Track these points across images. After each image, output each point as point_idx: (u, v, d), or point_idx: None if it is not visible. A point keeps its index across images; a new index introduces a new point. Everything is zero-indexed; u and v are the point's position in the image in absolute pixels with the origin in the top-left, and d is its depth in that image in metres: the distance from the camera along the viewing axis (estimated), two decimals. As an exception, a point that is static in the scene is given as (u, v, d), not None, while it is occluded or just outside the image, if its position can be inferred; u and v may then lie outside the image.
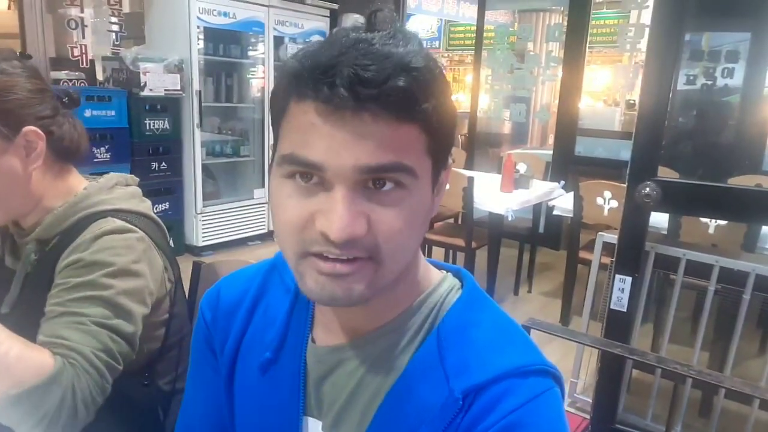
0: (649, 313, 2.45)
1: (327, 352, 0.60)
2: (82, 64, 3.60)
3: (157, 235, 0.98)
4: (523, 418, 0.51)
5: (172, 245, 1.06)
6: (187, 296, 1.12)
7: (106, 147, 3.35)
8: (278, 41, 4.14)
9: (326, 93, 0.45)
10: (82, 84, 3.53)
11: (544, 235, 4.09)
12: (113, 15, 3.89)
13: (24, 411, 0.74)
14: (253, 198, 4.22)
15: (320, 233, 0.48)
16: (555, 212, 3.08)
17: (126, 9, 4.17)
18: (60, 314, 0.84)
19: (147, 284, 0.92)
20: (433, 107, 0.48)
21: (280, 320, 0.64)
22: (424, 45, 0.51)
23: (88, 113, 3.24)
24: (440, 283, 0.61)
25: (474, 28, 5.02)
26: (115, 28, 3.90)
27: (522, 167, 3.62)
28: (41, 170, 0.93)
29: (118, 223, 0.92)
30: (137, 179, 1.07)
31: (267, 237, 4.34)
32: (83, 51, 3.60)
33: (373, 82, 0.45)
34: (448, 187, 0.61)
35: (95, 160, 3.22)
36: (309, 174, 0.49)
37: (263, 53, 4.07)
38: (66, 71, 3.51)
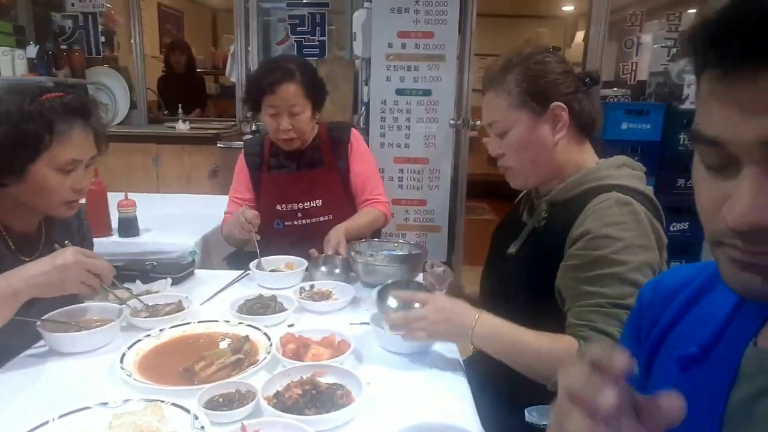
0: None
1: None
2: (631, 81, 3.82)
3: (655, 217, 1.02)
4: None
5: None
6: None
7: (635, 159, 3.45)
8: None
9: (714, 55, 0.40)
10: (626, 99, 3.76)
11: None
12: (669, 30, 3.92)
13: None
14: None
15: (723, 220, 0.42)
16: None
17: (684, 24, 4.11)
18: (582, 294, 0.97)
19: (655, 257, 0.96)
20: None
21: (720, 317, 0.56)
22: None
23: (624, 126, 3.43)
24: None
25: None
26: (668, 43, 3.92)
27: None
28: (564, 141, 1.09)
29: (620, 196, 1.00)
30: (644, 168, 1.12)
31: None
32: (633, 68, 3.81)
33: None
34: None
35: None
36: (716, 154, 0.43)
37: None
38: (614, 89, 3.82)
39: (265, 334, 1.18)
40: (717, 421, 0.51)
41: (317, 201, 1.86)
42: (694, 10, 4.12)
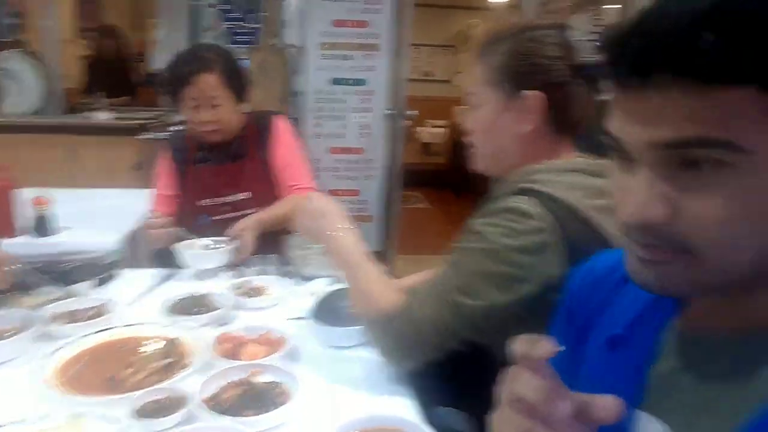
0: None
1: (692, 340, 0.52)
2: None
3: (580, 238, 0.87)
4: None
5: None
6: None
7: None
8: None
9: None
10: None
11: None
12: (594, 24, 4.10)
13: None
14: None
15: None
16: None
17: None
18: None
19: (523, 276, 0.87)
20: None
21: (645, 298, 0.59)
22: None
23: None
24: None
25: None
26: (594, 37, 4.10)
27: None
28: (534, 135, 0.96)
29: (527, 207, 0.88)
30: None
31: None
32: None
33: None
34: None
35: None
36: (619, 150, 0.46)
37: None
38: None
39: (199, 334, 1.13)
40: (639, 395, 0.54)
41: (246, 193, 1.81)
42: (610, 6, 4.32)
